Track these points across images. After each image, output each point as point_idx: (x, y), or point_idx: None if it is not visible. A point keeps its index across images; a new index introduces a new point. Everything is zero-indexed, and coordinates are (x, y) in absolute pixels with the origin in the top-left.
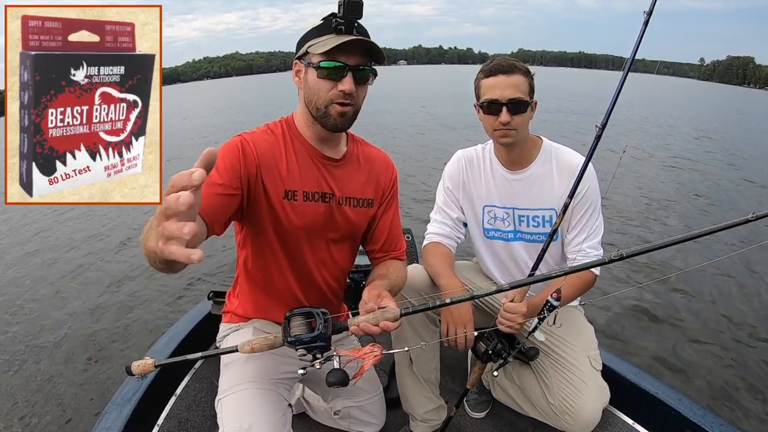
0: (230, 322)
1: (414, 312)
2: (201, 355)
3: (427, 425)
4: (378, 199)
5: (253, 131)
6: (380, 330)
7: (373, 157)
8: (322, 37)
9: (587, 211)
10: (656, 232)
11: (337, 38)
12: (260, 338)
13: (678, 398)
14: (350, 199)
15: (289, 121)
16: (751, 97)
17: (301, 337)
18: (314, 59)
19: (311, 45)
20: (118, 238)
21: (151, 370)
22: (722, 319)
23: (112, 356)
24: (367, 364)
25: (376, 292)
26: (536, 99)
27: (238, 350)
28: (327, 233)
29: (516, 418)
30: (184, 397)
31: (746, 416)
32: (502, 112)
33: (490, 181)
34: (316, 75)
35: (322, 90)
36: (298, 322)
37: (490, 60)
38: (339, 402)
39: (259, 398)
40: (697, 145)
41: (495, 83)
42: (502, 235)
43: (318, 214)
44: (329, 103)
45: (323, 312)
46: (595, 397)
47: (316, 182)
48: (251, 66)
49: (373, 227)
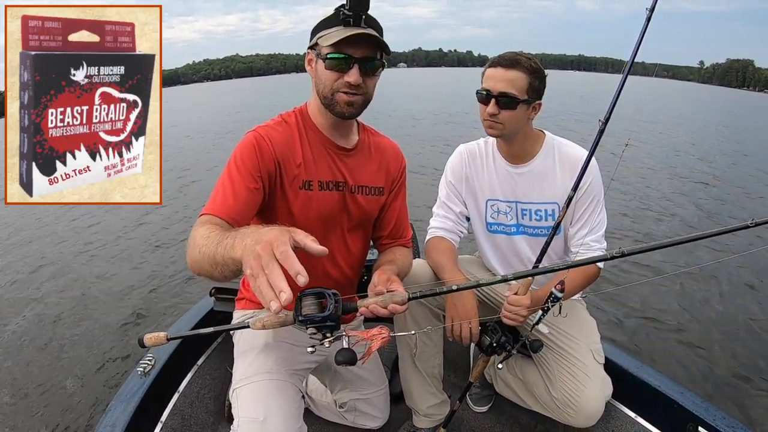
0: (245, 308)
1: (422, 296)
2: (214, 330)
3: (430, 420)
4: (388, 187)
5: (267, 124)
6: (388, 312)
7: (384, 147)
8: (331, 28)
9: (590, 204)
10: (659, 231)
11: (343, 30)
12: (271, 315)
13: (680, 391)
14: (363, 188)
15: (303, 111)
16: (750, 100)
17: (312, 316)
18: (323, 50)
19: (321, 36)
20: (119, 238)
21: (164, 342)
22: (724, 314)
23: (115, 353)
24: (375, 345)
25: (385, 276)
26: (541, 101)
27: (250, 326)
28: (342, 221)
29: (519, 412)
30: (187, 394)
31: (748, 409)
32: (490, 103)
33: (493, 175)
34: (324, 66)
35: (329, 80)
36: (309, 301)
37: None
38: (346, 394)
39: (274, 389)
40: (699, 149)
41: (493, 74)
42: (505, 229)
43: (333, 203)
44: (335, 92)
45: (334, 293)
46: (597, 391)
47: (330, 171)
48: (251, 68)
49: (382, 214)
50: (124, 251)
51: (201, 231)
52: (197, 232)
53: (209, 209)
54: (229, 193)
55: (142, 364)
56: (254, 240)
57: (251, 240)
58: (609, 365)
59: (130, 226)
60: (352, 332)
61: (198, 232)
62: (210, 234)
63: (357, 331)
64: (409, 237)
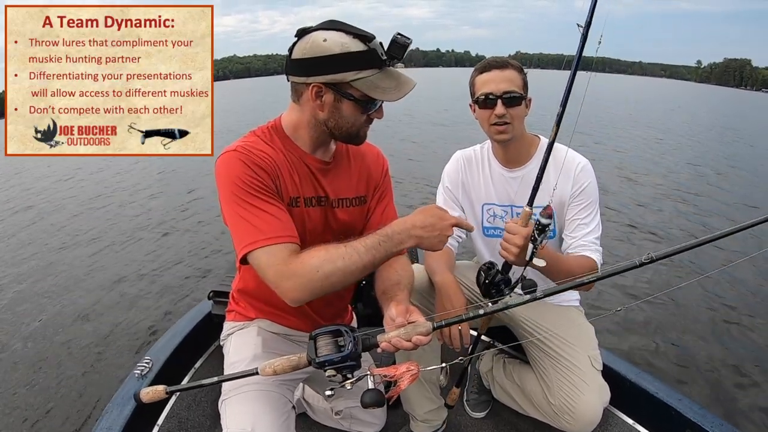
0: (234, 320)
1: (447, 325)
2: (218, 380)
3: (427, 425)
4: (371, 192)
5: (245, 142)
6: (413, 345)
7: (362, 152)
8: (367, 71)
9: (587, 206)
10: (671, 235)
11: (392, 82)
12: (283, 360)
13: (678, 398)
14: (343, 200)
15: (277, 128)
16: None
17: (331, 358)
18: (356, 94)
19: (357, 80)
20: (120, 238)
21: (163, 396)
22: (723, 319)
23: (113, 356)
24: (404, 383)
25: (403, 306)
26: (530, 96)
27: (259, 373)
28: (325, 236)
29: (516, 418)
30: (184, 397)
31: (746, 416)
32: (497, 105)
33: (489, 180)
34: (359, 110)
35: (359, 120)
36: (325, 341)
37: (485, 61)
38: (341, 402)
39: (262, 400)
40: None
41: (490, 78)
42: (501, 233)
43: (317, 218)
44: (361, 128)
45: (351, 329)
46: (595, 397)
47: (312, 187)
48: (249, 69)
49: (368, 220)
50: (123, 251)
51: (319, 253)
52: (303, 268)
53: (261, 241)
54: (263, 218)
55: (139, 367)
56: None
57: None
58: (607, 372)
59: (129, 228)
60: (377, 370)
61: (305, 266)
62: (337, 247)
63: (383, 369)
64: None
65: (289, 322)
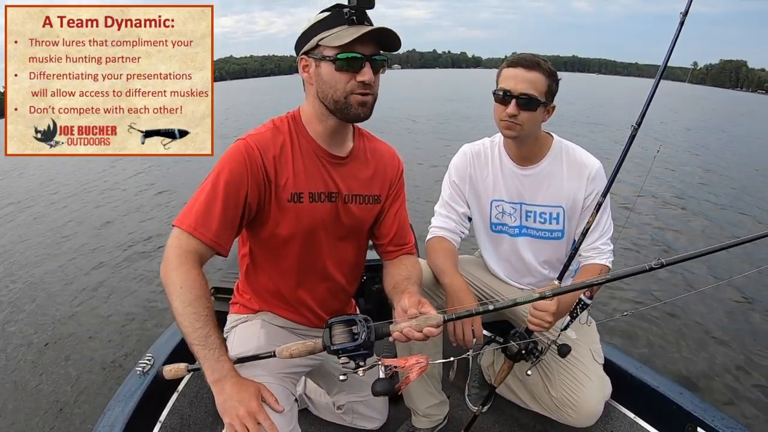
0: (238, 313)
1: (458, 318)
2: (236, 359)
3: (429, 420)
4: (385, 193)
5: (258, 132)
6: (423, 336)
7: (380, 152)
8: (334, 29)
9: (600, 209)
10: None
11: (356, 29)
12: (299, 344)
13: (679, 392)
14: (356, 197)
15: (296, 117)
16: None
17: (346, 346)
18: (328, 52)
19: (324, 38)
20: (121, 237)
21: (184, 374)
22: (724, 314)
23: (115, 353)
24: (413, 375)
25: (415, 299)
26: (554, 104)
27: (276, 356)
28: (332, 231)
29: (518, 412)
30: (186, 393)
31: (747, 409)
32: (510, 103)
33: (499, 176)
34: (334, 68)
35: (340, 82)
36: (339, 329)
37: (517, 55)
38: (343, 397)
39: (265, 392)
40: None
41: (512, 74)
42: (508, 230)
43: (324, 214)
44: (349, 94)
45: (365, 318)
46: (597, 391)
47: (322, 182)
48: (245, 70)
49: (381, 221)
50: (125, 249)
51: (185, 279)
52: (179, 277)
53: (190, 226)
54: (213, 214)
55: (141, 364)
56: (237, 399)
57: (234, 391)
58: (608, 366)
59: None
60: (388, 361)
61: (181, 279)
62: (197, 306)
63: (393, 360)
64: (412, 243)
65: (293, 315)
